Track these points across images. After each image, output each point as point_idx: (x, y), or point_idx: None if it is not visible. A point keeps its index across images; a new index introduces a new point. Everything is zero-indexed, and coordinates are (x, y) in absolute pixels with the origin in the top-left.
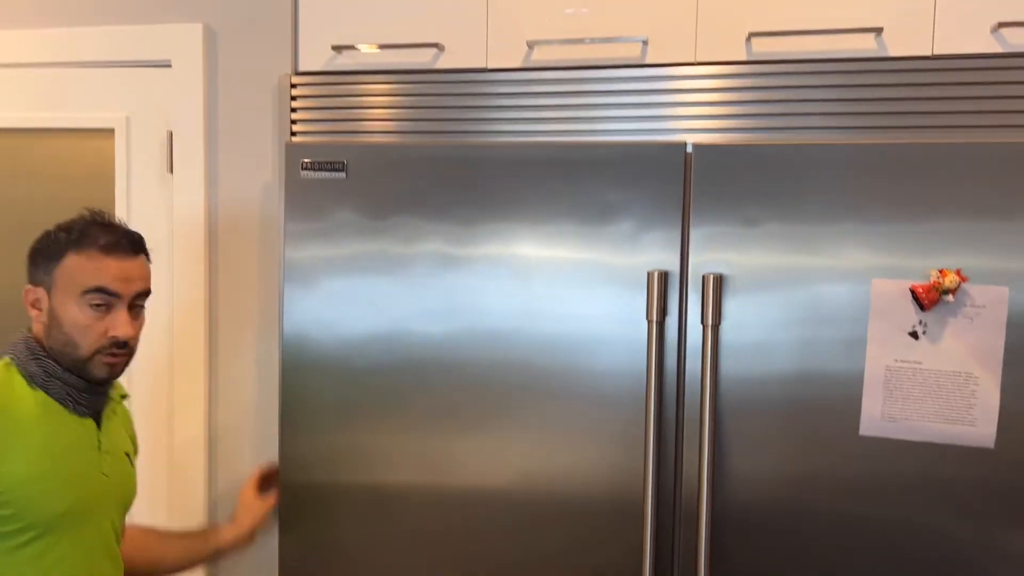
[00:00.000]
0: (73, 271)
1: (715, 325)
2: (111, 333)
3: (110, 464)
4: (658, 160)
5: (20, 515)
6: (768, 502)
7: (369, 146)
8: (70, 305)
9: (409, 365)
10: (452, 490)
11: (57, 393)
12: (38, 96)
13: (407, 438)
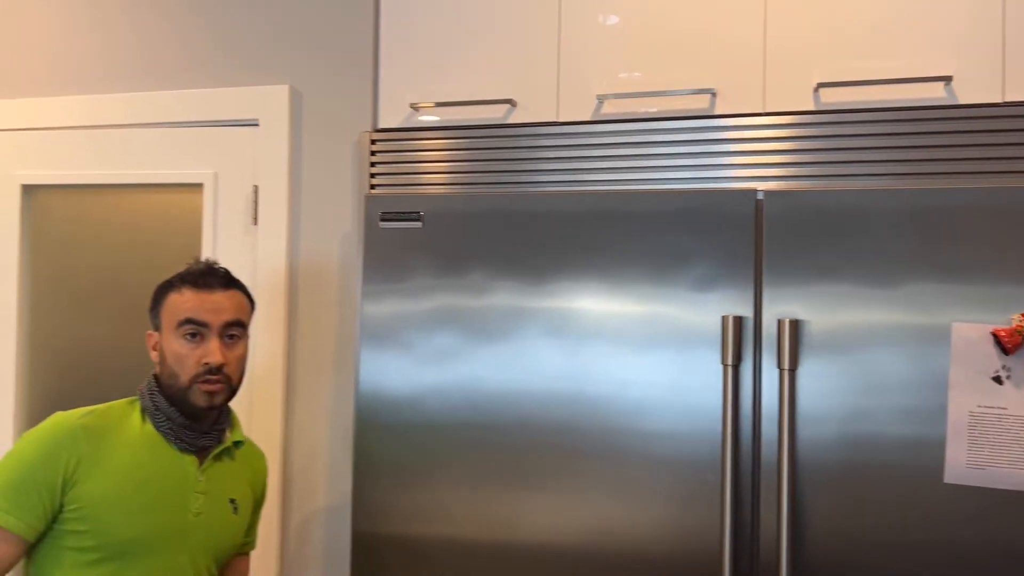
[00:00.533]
0: (171, 308)
1: (792, 369)
2: (204, 360)
3: (203, 504)
4: (729, 208)
5: (93, 534)
6: (850, 554)
7: (444, 197)
8: (171, 339)
9: (479, 421)
10: (520, 546)
11: (162, 427)
12: (136, 154)
13: (475, 494)
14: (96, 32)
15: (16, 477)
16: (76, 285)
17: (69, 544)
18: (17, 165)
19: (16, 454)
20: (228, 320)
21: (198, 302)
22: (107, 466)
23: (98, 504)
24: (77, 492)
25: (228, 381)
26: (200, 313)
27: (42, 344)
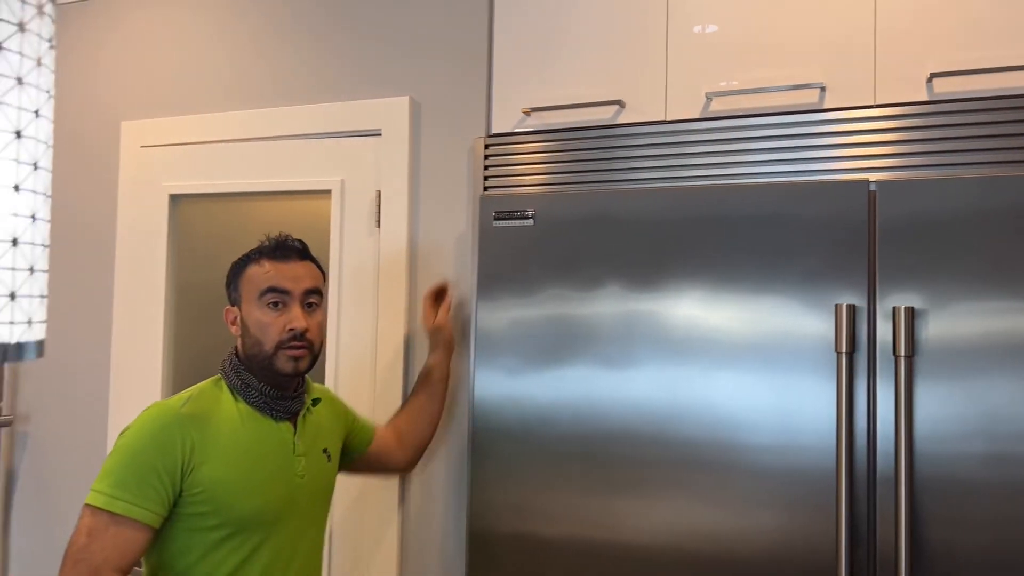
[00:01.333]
0: (251, 279)
1: (908, 356)
2: (288, 326)
3: (305, 466)
4: (841, 199)
5: (216, 513)
6: (975, 556)
7: (554, 196)
8: (253, 310)
9: (586, 428)
10: (625, 547)
11: (255, 401)
12: (271, 164)
13: (584, 498)
14: (236, 56)
15: (135, 469)
16: (214, 286)
17: (196, 525)
18: (166, 177)
19: (129, 447)
20: (308, 288)
21: (278, 272)
22: (217, 448)
23: (217, 486)
24: (196, 477)
25: (311, 346)
26: (281, 282)
27: (184, 340)
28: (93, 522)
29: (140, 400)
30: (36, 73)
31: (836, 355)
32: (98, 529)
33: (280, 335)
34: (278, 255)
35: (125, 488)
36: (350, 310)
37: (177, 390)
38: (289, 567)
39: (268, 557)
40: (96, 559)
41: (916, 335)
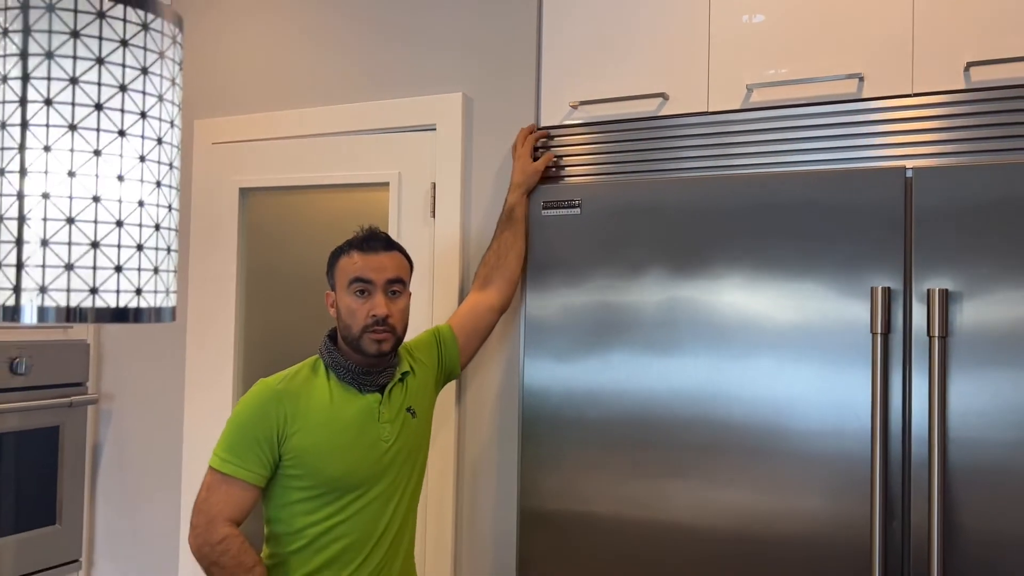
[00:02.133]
0: (342, 269)
1: (943, 337)
2: (372, 312)
3: (390, 432)
4: (878, 185)
5: (308, 476)
6: (1007, 540)
7: (600, 185)
8: (344, 296)
9: (631, 413)
10: (667, 527)
11: (344, 377)
12: (332, 158)
13: (629, 481)
14: (300, 57)
15: (240, 438)
16: (280, 275)
17: (294, 485)
18: (236, 172)
19: (236, 419)
20: (390, 277)
21: (364, 263)
22: (308, 420)
23: (308, 453)
24: (290, 444)
25: (393, 330)
26: (366, 272)
27: (254, 324)
28: (211, 480)
29: (214, 381)
30: (172, 92)
31: (871, 336)
32: (214, 486)
33: (365, 320)
34: (365, 247)
35: (234, 453)
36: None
37: (247, 371)
38: (379, 522)
39: (360, 513)
40: (213, 510)
41: (950, 317)
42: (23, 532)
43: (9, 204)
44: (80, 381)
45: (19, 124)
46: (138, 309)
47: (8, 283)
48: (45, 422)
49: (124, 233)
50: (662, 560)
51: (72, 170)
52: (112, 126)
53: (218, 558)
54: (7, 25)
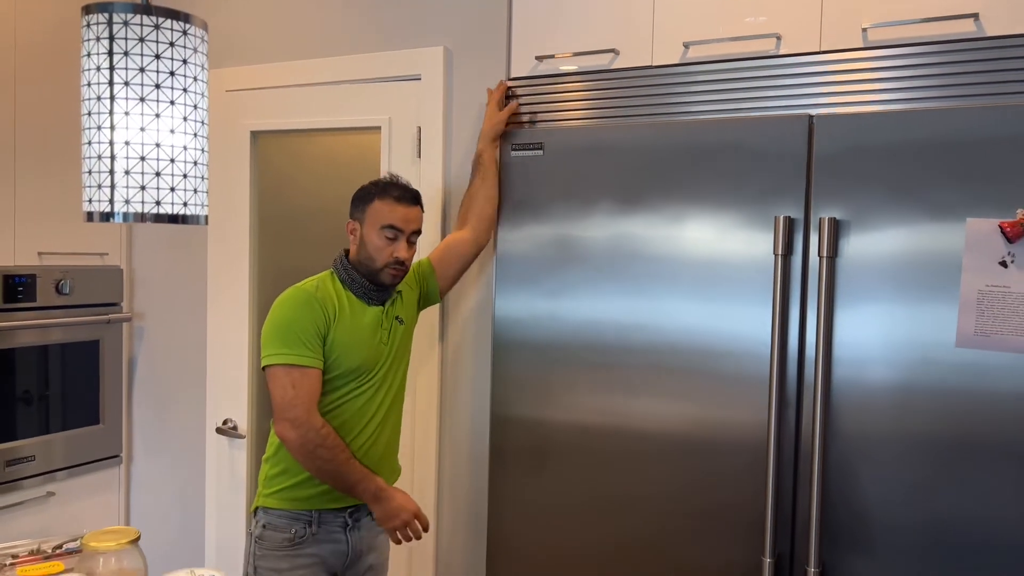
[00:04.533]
0: (377, 211)
1: (831, 257)
2: (395, 255)
3: (386, 334)
4: (786, 128)
5: (336, 364)
6: (876, 412)
7: (560, 130)
8: (372, 234)
9: (586, 330)
10: (621, 430)
11: (357, 291)
12: (331, 105)
13: (582, 390)
14: (302, 12)
15: (300, 333)
16: (287, 208)
17: (327, 376)
18: (247, 117)
19: (287, 320)
20: (414, 229)
21: (398, 213)
22: (339, 321)
23: (338, 346)
24: (329, 338)
25: (405, 270)
26: (398, 221)
27: (266, 253)
28: (290, 378)
29: (233, 303)
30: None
31: (773, 257)
32: (298, 381)
33: (388, 259)
34: (402, 199)
35: (302, 347)
36: None
37: (262, 295)
38: (371, 404)
39: (367, 392)
40: (307, 401)
41: (839, 241)
42: (71, 429)
43: (104, 149)
44: (116, 302)
45: (109, 98)
46: (184, 215)
47: (106, 198)
48: (87, 336)
49: (174, 166)
50: (608, 454)
51: (142, 126)
52: (166, 98)
53: (323, 441)
54: (99, 35)
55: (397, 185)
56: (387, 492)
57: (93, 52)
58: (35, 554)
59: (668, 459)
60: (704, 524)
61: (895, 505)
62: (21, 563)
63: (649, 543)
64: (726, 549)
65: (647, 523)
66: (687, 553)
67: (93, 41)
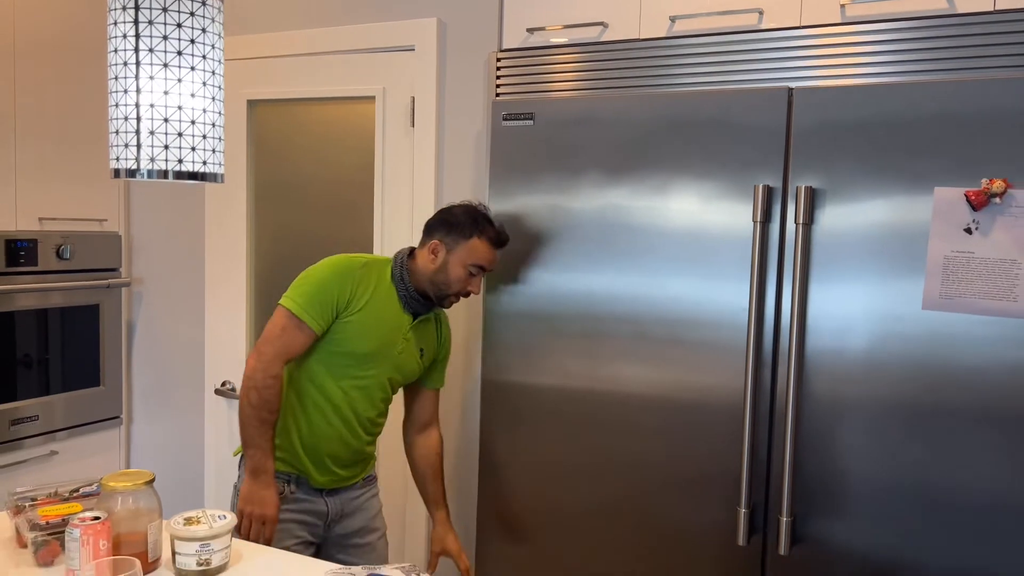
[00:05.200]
0: (473, 249)
1: (806, 224)
2: (469, 289)
3: (403, 347)
4: (767, 100)
5: (345, 343)
6: (848, 373)
7: (550, 101)
8: (459, 267)
9: (575, 299)
10: (606, 392)
11: (401, 295)
12: (327, 74)
13: (570, 356)
14: None
15: (319, 293)
16: (286, 176)
17: (328, 347)
18: (244, 86)
19: (317, 276)
20: (491, 269)
21: (491, 257)
22: (363, 303)
23: (353, 325)
24: (345, 314)
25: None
26: (487, 264)
27: (263, 220)
28: (287, 322)
29: (230, 270)
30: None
31: (752, 224)
32: (289, 328)
33: (460, 289)
34: (497, 243)
35: (312, 305)
36: (392, 190)
37: (259, 261)
38: (366, 394)
39: (359, 382)
40: (281, 347)
41: (815, 208)
42: (72, 391)
43: (131, 111)
44: (115, 267)
45: (135, 63)
46: (204, 172)
47: (132, 156)
48: (87, 300)
49: (195, 127)
50: (595, 417)
51: (166, 90)
52: (187, 64)
53: (263, 387)
54: (125, 4)
55: (495, 227)
56: (264, 478)
57: (120, 20)
58: (53, 497)
59: (651, 421)
60: (685, 481)
61: (864, 461)
62: (41, 505)
63: (633, 500)
64: (706, 504)
65: (632, 482)
66: (669, 508)
67: (119, 10)
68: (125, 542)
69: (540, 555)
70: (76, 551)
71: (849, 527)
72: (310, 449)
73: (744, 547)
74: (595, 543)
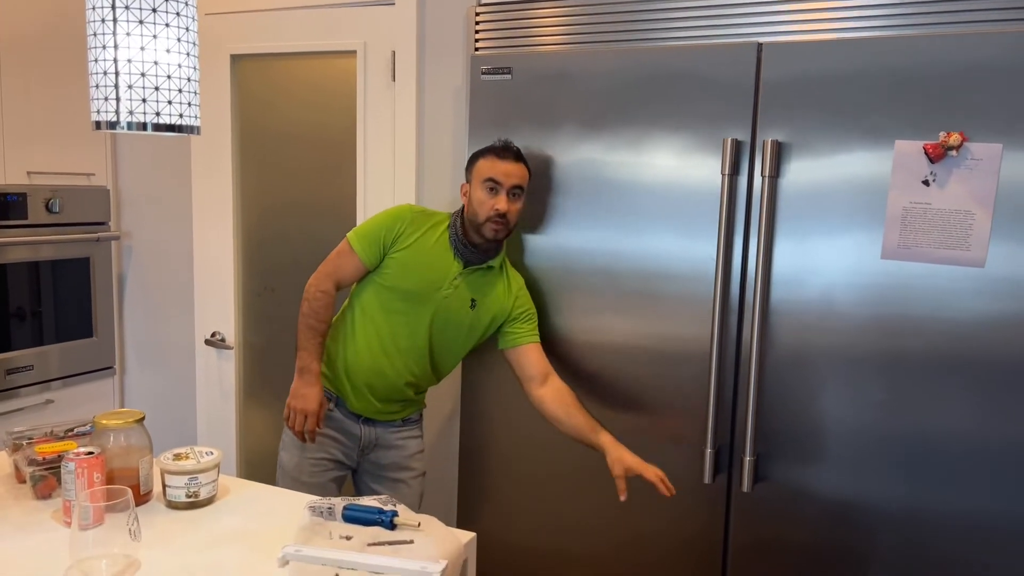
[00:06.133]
0: (480, 168)
1: (772, 176)
2: (496, 207)
3: (449, 292)
4: (736, 56)
5: (391, 278)
6: (810, 321)
7: (528, 55)
8: (477, 190)
9: (552, 255)
10: (585, 346)
11: (452, 241)
12: (308, 29)
13: (549, 311)
14: None
15: (372, 229)
16: (270, 131)
17: (379, 281)
18: (227, 40)
19: (376, 216)
20: (514, 183)
21: (497, 167)
22: (410, 242)
23: (397, 263)
24: (392, 250)
25: (507, 224)
26: (497, 175)
27: (249, 179)
28: (342, 248)
29: (217, 223)
30: None
31: (721, 176)
32: (342, 253)
33: (489, 212)
34: (500, 155)
35: (362, 237)
36: (374, 144)
37: (245, 212)
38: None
39: (403, 318)
40: (332, 268)
41: (781, 162)
42: (66, 342)
43: (109, 66)
44: (104, 221)
45: (112, 20)
46: (181, 125)
47: (112, 109)
48: (77, 253)
49: (171, 82)
50: (571, 367)
51: (142, 46)
52: (162, 21)
53: (312, 299)
54: None
55: (500, 144)
56: (308, 377)
57: None
58: (47, 436)
59: (624, 370)
60: (656, 425)
61: (824, 404)
62: (38, 443)
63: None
64: (675, 445)
65: (606, 425)
66: (641, 450)
67: None
68: (118, 476)
69: (520, 498)
70: (72, 483)
71: (809, 466)
72: (352, 373)
73: (710, 485)
74: (571, 484)
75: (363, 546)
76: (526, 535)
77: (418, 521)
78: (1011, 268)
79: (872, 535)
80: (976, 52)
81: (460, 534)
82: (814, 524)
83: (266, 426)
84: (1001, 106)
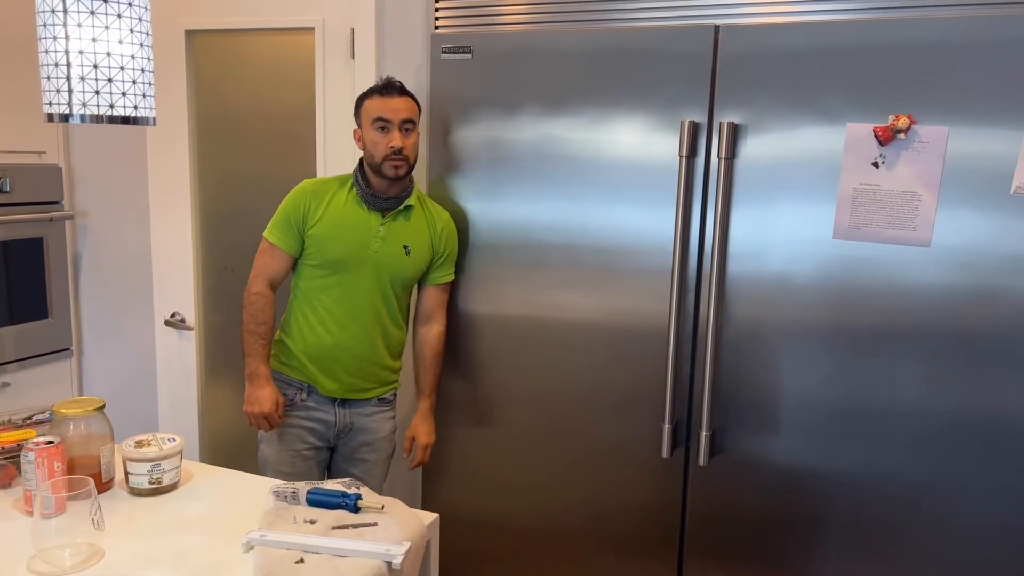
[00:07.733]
0: (367, 110)
1: (728, 158)
2: (390, 144)
3: (379, 246)
4: (693, 38)
5: (317, 255)
6: (765, 299)
7: (488, 35)
8: (368, 132)
9: (514, 230)
10: (546, 321)
11: (361, 195)
12: (262, 5)
13: (514, 287)
14: None
15: (282, 218)
16: (228, 110)
17: (309, 262)
18: (182, 15)
19: (281, 206)
20: (404, 118)
21: (384, 105)
22: (324, 216)
23: (317, 238)
24: (307, 228)
25: (407, 160)
26: (385, 112)
27: (207, 158)
28: (262, 247)
29: (174, 202)
30: None
31: (678, 159)
32: (263, 252)
33: (385, 151)
34: (384, 92)
35: (277, 229)
36: (333, 123)
37: (203, 191)
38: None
39: (344, 288)
40: (258, 269)
41: (737, 144)
42: (20, 323)
43: (60, 57)
44: (56, 200)
45: (63, 11)
46: (135, 117)
47: (64, 101)
48: (30, 234)
49: (124, 74)
50: (532, 342)
51: (94, 37)
52: (113, 11)
53: (248, 303)
54: None
55: (381, 82)
56: (258, 381)
57: None
58: (7, 425)
59: (584, 344)
60: (614, 399)
61: (778, 378)
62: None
63: (566, 418)
64: (633, 420)
65: (565, 400)
66: (599, 424)
67: None
68: (79, 465)
69: (481, 471)
70: (32, 473)
71: (764, 439)
72: (315, 359)
73: (667, 459)
74: (531, 459)
75: (327, 530)
76: (489, 513)
77: (382, 504)
78: (955, 247)
79: (824, 502)
80: (923, 35)
81: (423, 515)
82: (768, 494)
83: (228, 407)
84: (948, 89)
